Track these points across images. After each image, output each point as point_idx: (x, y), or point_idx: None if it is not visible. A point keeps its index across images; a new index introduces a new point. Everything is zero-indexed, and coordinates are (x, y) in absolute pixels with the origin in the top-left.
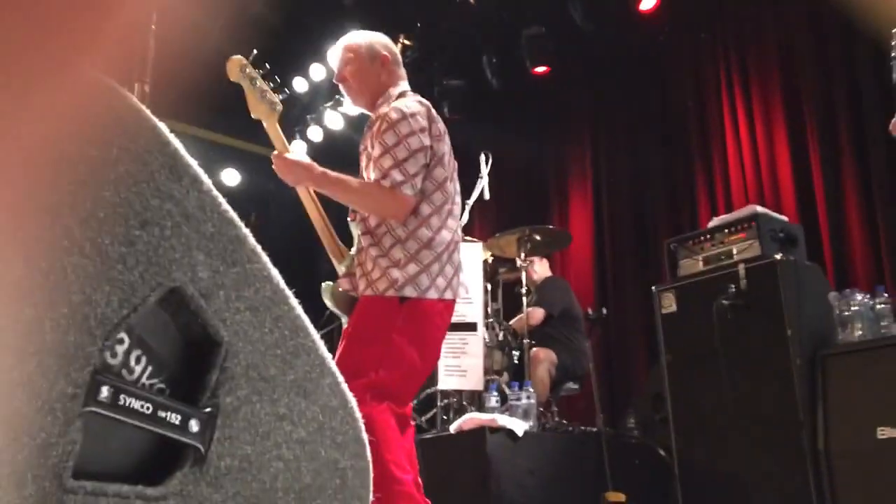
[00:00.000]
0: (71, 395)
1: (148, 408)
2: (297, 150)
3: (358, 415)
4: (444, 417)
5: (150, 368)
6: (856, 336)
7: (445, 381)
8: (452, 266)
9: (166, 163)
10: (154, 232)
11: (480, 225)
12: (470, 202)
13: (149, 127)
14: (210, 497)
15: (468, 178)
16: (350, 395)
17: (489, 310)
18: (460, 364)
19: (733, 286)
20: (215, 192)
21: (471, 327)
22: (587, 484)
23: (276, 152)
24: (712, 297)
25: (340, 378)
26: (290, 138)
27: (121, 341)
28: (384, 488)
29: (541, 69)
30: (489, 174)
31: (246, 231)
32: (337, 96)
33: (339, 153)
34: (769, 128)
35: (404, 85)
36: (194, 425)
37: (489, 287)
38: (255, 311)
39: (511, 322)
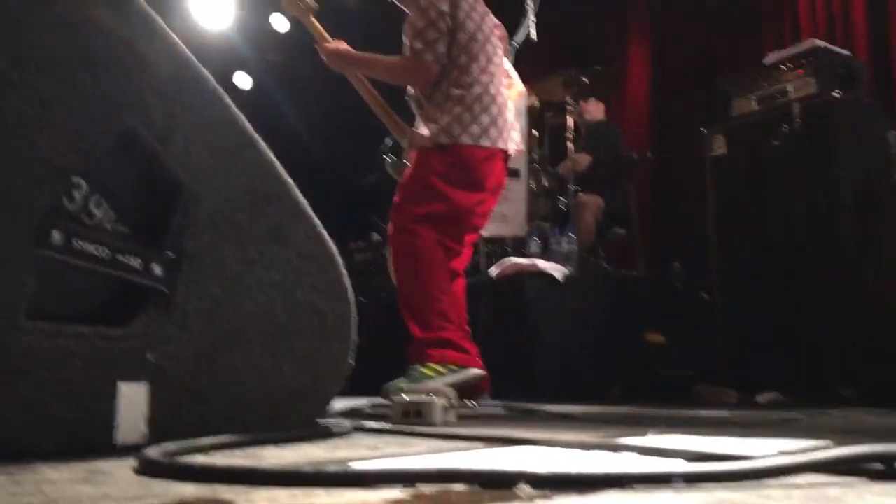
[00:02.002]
0: (16, 238)
1: (105, 251)
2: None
3: (339, 260)
4: (487, 263)
5: (112, 213)
6: None
7: (487, 228)
8: (489, 116)
9: (112, 3)
10: (100, 75)
11: (532, 69)
12: (515, 44)
13: None
14: (177, 336)
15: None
16: (329, 242)
17: (535, 155)
18: (502, 210)
19: (786, 126)
20: (169, 34)
21: (513, 173)
22: (628, 327)
23: (318, 44)
24: (764, 138)
25: (318, 223)
26: None
27: (77, 186)
28: (421, 305)
29: None
30: (537, 14)
31: (206, 73)
32: None
33: None
34: None
35: None
36: (157, 269)
37: (535, 132)
38: (218, 156)
39: (557, 167)
